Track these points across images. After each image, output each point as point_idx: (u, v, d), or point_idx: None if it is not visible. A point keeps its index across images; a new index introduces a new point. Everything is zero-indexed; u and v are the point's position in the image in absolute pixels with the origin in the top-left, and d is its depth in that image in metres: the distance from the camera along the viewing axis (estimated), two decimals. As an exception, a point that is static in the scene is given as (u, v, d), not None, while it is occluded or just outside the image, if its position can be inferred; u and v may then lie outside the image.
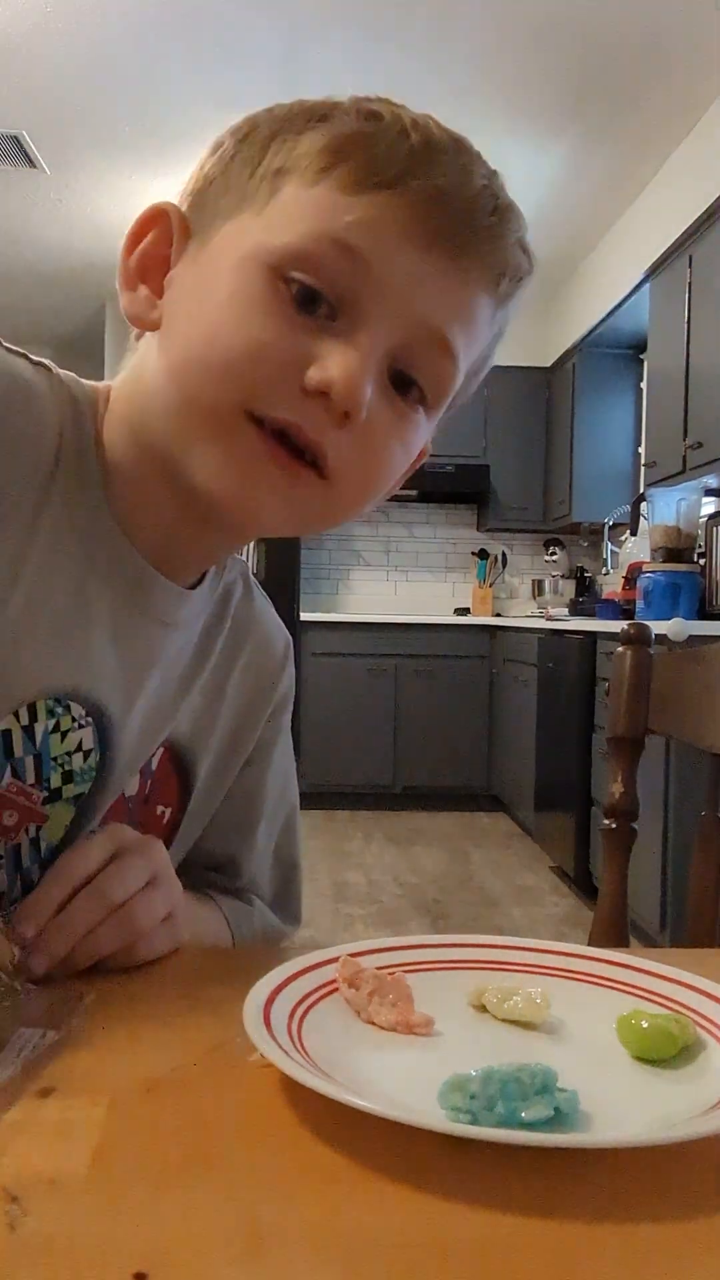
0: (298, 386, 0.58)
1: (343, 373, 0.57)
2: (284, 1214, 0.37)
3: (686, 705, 1.08)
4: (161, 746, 0.75)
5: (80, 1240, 0.35)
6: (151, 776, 0.76)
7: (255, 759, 0.85)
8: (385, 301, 0.58)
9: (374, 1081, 0.47)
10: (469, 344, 0.63)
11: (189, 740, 0.77)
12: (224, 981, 0.60)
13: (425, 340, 0.61)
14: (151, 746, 0.74)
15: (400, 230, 0.58)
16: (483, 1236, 0.36)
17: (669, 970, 0.58)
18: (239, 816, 0.85)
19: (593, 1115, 0.45)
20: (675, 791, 2.94)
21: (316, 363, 0.57)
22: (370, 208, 0.58)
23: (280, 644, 0.86)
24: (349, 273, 0.58)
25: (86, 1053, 0.50)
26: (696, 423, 3.70)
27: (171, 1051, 0.51)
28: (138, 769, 0.74)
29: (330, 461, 0.60)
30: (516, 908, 3.73)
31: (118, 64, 3.49)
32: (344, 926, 3.45)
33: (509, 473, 5.86)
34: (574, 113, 3.77)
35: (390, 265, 0.58)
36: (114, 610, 0.68)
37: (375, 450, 0.62)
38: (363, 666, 5.42)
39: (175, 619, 0.72)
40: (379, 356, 0.59)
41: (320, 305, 0.58)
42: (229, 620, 0.79)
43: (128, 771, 0.73)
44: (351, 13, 3.16)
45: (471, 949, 0.62)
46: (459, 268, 0.60)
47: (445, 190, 0.59)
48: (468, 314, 0.62)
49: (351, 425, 0.59)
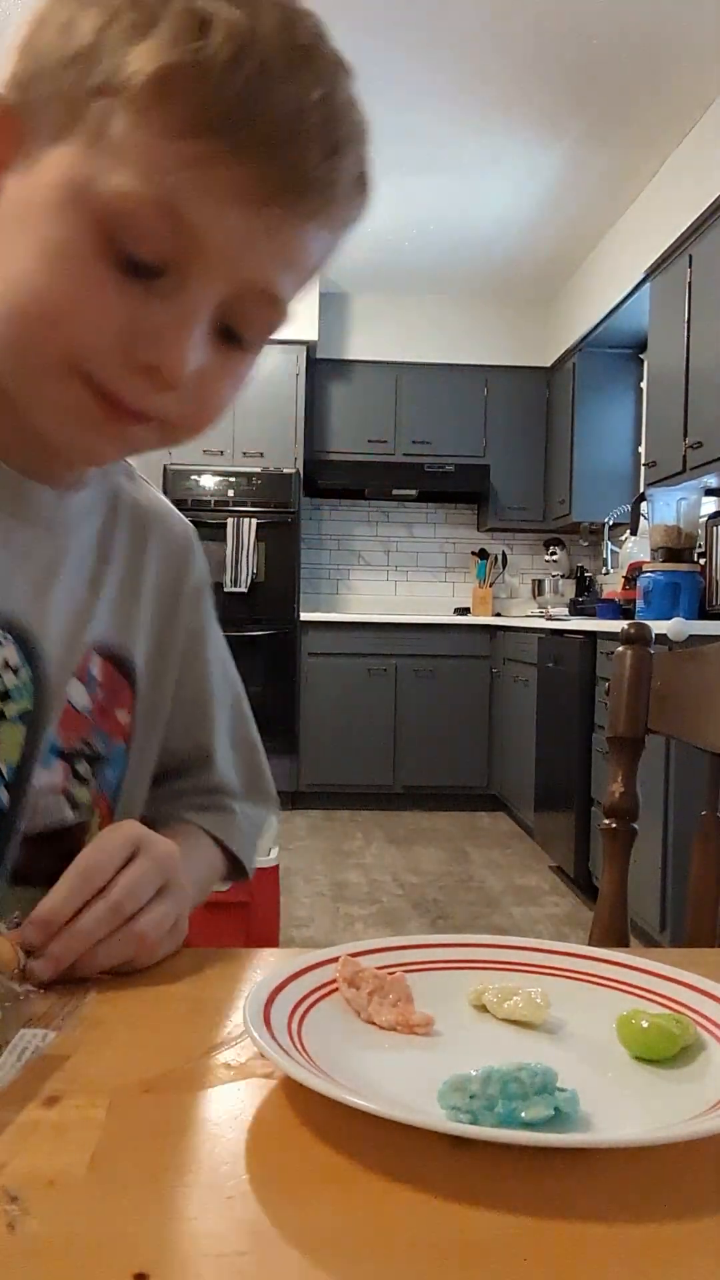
0: (123, 357, 0.58)
1: (170, 357, 0.58)
2: (284, 1214, 0.37)
3: (686, 705, 1.08)
4: (95, 653, 0.76)
5: (80, 1240, 0.35)
6: (99, 685, 0.76)
7: (192, 651, 0.86)
8: (213, 267, 0.58)
9: (374, 1081, 0.47)
10: (301, 281, 0.63)
11: (120, 641, 0.78)
12: (224, 981, 0.60)
13: (254, 298, 0.60)
14: (77, 652, 0.75)
15: (229, 188, 0.56)
16: (483, 1236, 0.36)
17: (669, 970, 0.58)
18: (194, 710, 0.87)
19: (593, 1115, 0.45)
20: (675, 791, 2.94)
21: (144, 339, 0.58)
22: (197, 161, 0.55)
23: (181, 529, 0.86)
24: (174, 238, 0.56)
25: (86, 1053, 0.50)
26: (696, 422, 3.70)
27: (171, 1052, 0.51)
28: (70, 676, 0.74)
29: (160, 416, 0.62)
30: (516, 908, 3.73)
31: (118, 64, 3.49)
32: (344, 926, 3.45)
33: (509, 473, 5.86)
34: (574, 113, 3.77)
35: (218, 228, 0.56)
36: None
37: (205, 397, 0.63)
38: (363, 666, 5.42)
39: (60, 522, 0.73)
40: (206, 315, 0.59)
41: (146, 267, 0.57)
42: (124, 518, 0.80)
43: (62, 680, 0.73)
44: (351, 12, 3.16)
45: (471, 949, 0.62)
46: (291, 221, 0.59)
47: (277, 139, 0.56)
48: (300, 259, 0.61)
49: (177, 389, 0.60)
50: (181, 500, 5.33)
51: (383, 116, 3.51)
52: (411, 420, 5.81)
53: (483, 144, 4.00)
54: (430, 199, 4.55)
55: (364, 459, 5.78)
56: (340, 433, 5.80)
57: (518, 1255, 0.35)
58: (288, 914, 3.45)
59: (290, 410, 5.52)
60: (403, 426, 5.81)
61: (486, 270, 5.42)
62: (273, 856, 2.57)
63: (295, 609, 5.35)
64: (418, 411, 5.80)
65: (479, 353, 5.81)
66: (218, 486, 5.38)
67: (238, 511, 5.36)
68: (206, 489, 5.37)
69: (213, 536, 5.34)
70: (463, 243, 5.06)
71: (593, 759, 3.80)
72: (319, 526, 6.13)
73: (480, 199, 4.54)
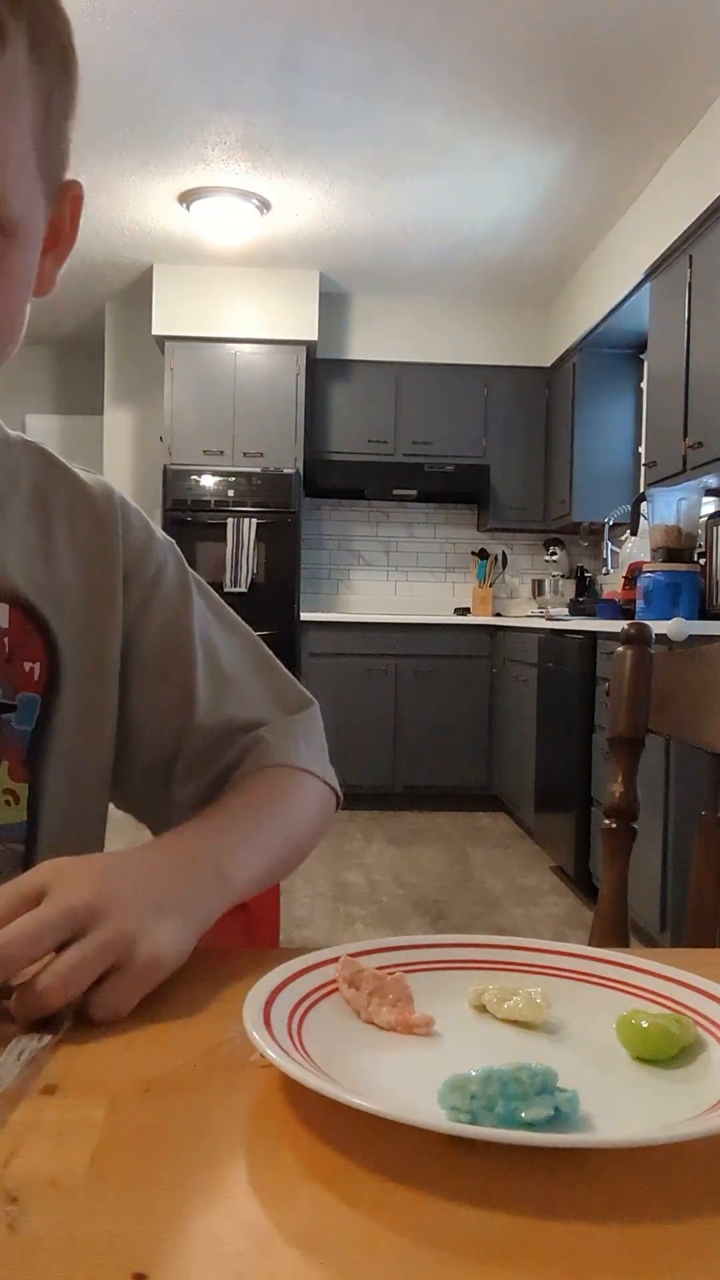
0: None
1: None
2: (284, 1214, 0.37)
3: (686, 705, 1.08)
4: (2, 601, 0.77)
5: (80, 1240, 0.35)
6: (6, 633, 0.77)
7: (168, 625, 0.86)
8: None
9: (374, 1081, 0.47)
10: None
11: (31, 592, 0.79)
12: (224, 981, 0.60)
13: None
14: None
15: None
16: (483, 1236, 0.36)
17: (669, 970, 0.58)
18: (212, 681, 0.86)
19: (593, 1115, 0.45)
20: (675, 791, 2.94)
21: None
22: None
23: (99, 488, 0.86)
24: None
25: (86, 1053, 0.50)
26: (696, 423, 3.70)
27: (171, 1051, 0.51)
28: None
29: None
30: (516, 908, 3.73)
31: (118, 64, 3.49)
32: (344, 926, 3.45)
33: (509, 473, 5.87)
34: (574, 113, 3.77)
35: None
36: None
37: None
38: (363, 666, 5.42)
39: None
40: None
41: None
42: (22, 486, 0.81)
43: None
44: (351, 13, 3.16)
45: (471, 949, 0.62)
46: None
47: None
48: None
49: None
50: (181, 500, 5.34)
51: (383, 117, 3.53)
52: (411, 420, 5.81)
53: (483, 144, 4.00)
54: (430, 199, 4.55)
55: (364, 459, 5.78)
56: (340, 433, 5.80)
57: (518, 1255, 0.35)
58: (288, 914, 3.45)
59: (290, 410, 5.52)
60: (403, 426, 5.81)
61: (487, 270, 5.43)
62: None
63: (295, 609, 5.35)
64: (418, 411, 5.80)
65: (479, 353, 5.81)
66: (218, 486, 5.38)
67: (238, 512, 5.36)
68: (206, 489, 5.37)
69: (213, 536, 5.34)
70: (463, 243, 5.06)
71: (593, 759, 3.80)
72: (319, 527, 6.13)
73: (480, 199, 4.54)
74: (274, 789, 0.80)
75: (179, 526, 5.31)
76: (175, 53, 3.42)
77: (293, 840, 0.78)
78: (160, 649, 0.86)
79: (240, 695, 0.87)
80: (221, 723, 0.85)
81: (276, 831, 0.76)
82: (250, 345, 5.52)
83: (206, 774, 0.84)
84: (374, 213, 4.73)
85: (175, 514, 5.33)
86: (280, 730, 0.85)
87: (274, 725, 0.86)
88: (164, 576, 0.88)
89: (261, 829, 0.74)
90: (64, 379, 6.91)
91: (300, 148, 4.09)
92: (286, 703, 0.90)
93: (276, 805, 0.78)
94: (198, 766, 0.84)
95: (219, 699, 0.86)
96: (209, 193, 4.53)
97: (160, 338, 5.55)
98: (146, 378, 6.01)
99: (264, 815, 0.76)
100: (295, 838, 0.78)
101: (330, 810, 0.86)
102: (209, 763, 0.84)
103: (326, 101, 3.68)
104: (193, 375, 5.52)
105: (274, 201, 4.63)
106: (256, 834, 0.73)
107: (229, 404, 5.51)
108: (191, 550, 5.35)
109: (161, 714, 0.85)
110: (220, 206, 4.62)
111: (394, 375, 5.81)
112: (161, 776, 0.86)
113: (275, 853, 0.74)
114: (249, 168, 4.30)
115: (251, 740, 0.84)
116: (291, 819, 0.79)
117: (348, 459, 5.79)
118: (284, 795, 0.80)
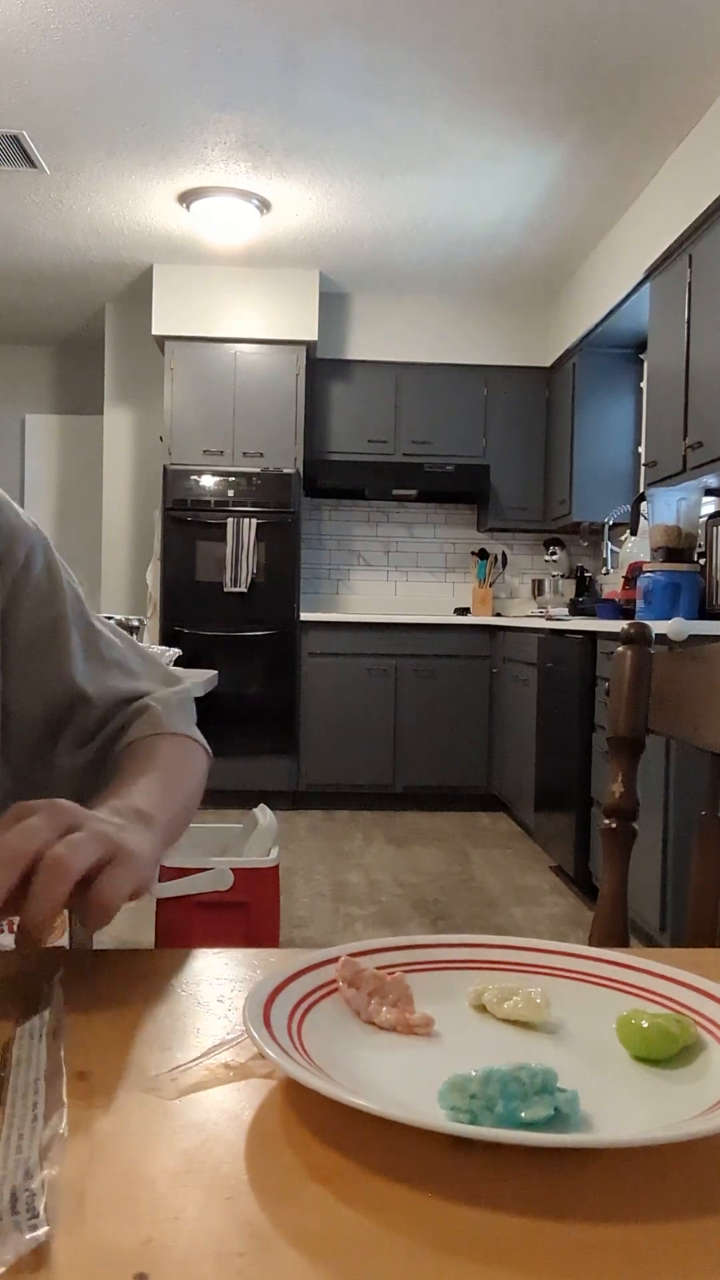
0: None
1: None
2: (284, 1214, 0.37)
3: (686, 705, 1.08)
4: None
5: (80, 1240, 0.35)
6: None
7: (41, 607, 0.90)
8: None
9: (374, 1081, 0.47)
10: None
11: None
12: (224, 981, 0.60)
13: None
14: None
15: None
16: (483, 1236, 0.36)
17: (669, 970, 0.58)
18: (93, 657, 0.92)
19: (593, 1115, 0.45)
20: (675, 791, 2.94)
21: None
22: None
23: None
24: None
25: (86, 1054, 0.50)
26: (696, 422, 3.70)
27: (171, 1051, 0.51)
28: None
29: None
30: (516, 908, 3.73)
31: (118, 64, 3.49)
32: (344, 926, 3.45)
33: (509, 473, 5.87)
34: (574, 113, 3.77)
35: None
36: None
37: None
38: (363, 666, 5.42)
39: None
40: None
41: None
42: None
43: None
44: (351, 13, 3.16)
45: (471, 949, 0.62)
46: None
47: None
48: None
49: None
50: (181, 500, 5.34)
51: (384, 116, 3.54)
52: (411, 420, 5.81)
53: (483, 144, 4.00)
54: (430, 199, 4.55)
55: (364, 459, 5.78)
56: (340, 433, 5.80)
57: (518, 1255, 0.35)
58: (288, 914, 3.45)
59: (290, 410, 5.52)
60: (403, 426, 5.81)
61: (486, 270, 5.43)
62: (273, 857, 2.57)
63: (295, 609, 5.35)
64: (418, 411, 5.80)
65: (479, 353, 5.81)
66: (218, 487, 5.38)
67: (238, 512, 5.36)
68: (206, 489, 5.37)
69: (213, 536, 5.34)
70: (463, 243, 5.06)
71: (593, 759, 3.80)
72: (319, 527, 6.13)
73: (480, 199, 4.54)
74: (174, 755, 0.87)
75: (179, 526, 5.32)
76: (175, 53, 3.42)
77: (193, 803, 0.86)
78: (35, 630, 0.89)
79: (123, 670, 0.95)
80: (109, 695, 0.91)
81: (183, 792, 0.82)
82: (250, 345, 5.52)
83: (94, 742, 0.90)
84: (374, 213, 4.73)
85: (175, 514, 5.33)
86: (164, 700, 0.92)
87: (158, 695, 0.93)
88: (34, 563, 0.91)
89: (175, 791, 0.80)
90: (64, 379, 6.91)
91: (300, 148, 4.09)
92: (166, 678, 0.98)
93: (180, 771, 0.86)
94: (85, 737, 0.90)
95: (101, 674, 0.92)
96: (209, 193, 4.53)
97: (160, 338, 5.55)
98: (146, 378, 6.01)
99: (174, 780, 0.83)
100: (194, 801, 0.86)
101: (206, 771, 0.93)
102: (95, 733, 0.90)
103: (326, 101, 3.68)
104: (192, 375, 5.52)
105: (274, 201, 4.63)
106: (175, 793, 0.79)
107: (229, 404, 5.52)
108: (192, 550, 5.36)
109: (42, 693, 0.89)
110: (220, 206, 4.62)
111: (394, 375, 5.81)
112: (46, 748, 0.91)
113: (185, 815, 0.82)
114: (249, 168, 4.30)
115: (139, 708, 0.90)
116: (190, 786, 0.86)
117: (347, 459, 5.79)
118: (181, 760, 0.87)
